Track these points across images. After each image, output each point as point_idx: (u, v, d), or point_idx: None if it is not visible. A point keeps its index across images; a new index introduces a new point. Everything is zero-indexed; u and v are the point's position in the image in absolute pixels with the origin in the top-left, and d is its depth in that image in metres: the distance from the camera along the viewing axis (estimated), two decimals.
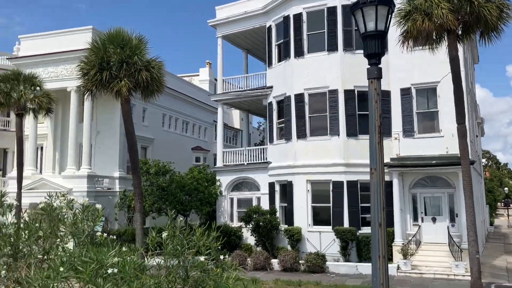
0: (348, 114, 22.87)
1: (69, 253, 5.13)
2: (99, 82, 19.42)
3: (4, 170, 34.70)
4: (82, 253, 4.88)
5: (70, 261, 4.81)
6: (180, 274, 5.67)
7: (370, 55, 4.94)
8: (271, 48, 26.26)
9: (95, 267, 4.61)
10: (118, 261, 4.91)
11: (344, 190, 22.47)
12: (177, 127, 41.89)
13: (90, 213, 5.97)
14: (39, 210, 6.38)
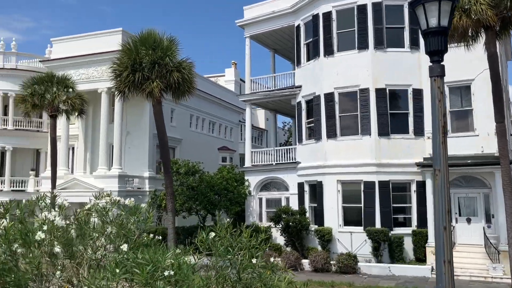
0: (380, 113, 22.56)
1: (123, 254, 5.16)
2: (132, 84, 19.67)
3: (37, 170, 35.52)
4: (137, 255, 4.89)
5: (125, 262, 4.84)
6: (231, 275, 5.65)
7: (432, 52, 4.83)
8: (300, 47, 26.13)
9: (151, 269, 4.62)
10: (173, 263, 4.92)
11: (375, 191, 22.18)
12: (204, 128, 42.15)
13: (140, 213, 6.00)
14: (88, 211, 6.41)
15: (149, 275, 4.65)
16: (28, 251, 5.11)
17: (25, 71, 34.27)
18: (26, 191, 33.98)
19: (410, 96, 22.90)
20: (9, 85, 34.18)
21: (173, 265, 4.90)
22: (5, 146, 34.00)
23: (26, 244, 5.08)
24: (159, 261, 4.81)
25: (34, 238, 4.99)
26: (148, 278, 4.64)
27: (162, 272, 4.70)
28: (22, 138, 34.68)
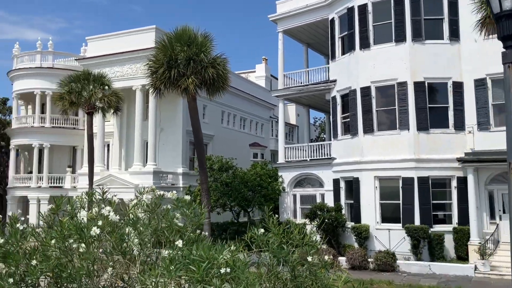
0: (418, 107, 21.93)
1: (178, 250, 5.03)
2: (167, 80, 19.72)
3: (73, 167, 36.27)
4: (192, 251, 4.76)
5: (180, 259, 4.71)
6: (285, 273, 5.46)
7: (505, 37, 4.50)
8: (334, 40, 25.67)
9: (206, 266, 4.46)
10: (228, 260, 4.76)
11: (414, 187, 21.59)
12: (235, 124, 42.17)
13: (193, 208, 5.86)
14: (136, 206, 6.30)
15: (205, 273, 4.50)
16: (83, 246, 5.05)
17: (62, 69, 34.98)
18: (64, 188, 34.75)
19: (450, 89, 22.17)
20: (46, 83, 34.97)
21: (227, 263, 4.74)
22: (43, 144, 34.84)
23: (81, 240, 5.02)
24: (214, 258, 4.66)
25: (89, 234, 4.92)
26: (203, 275, 4.49)
27: (218, 270, 4.55)
28: (59, 135, 35.45)
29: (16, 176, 35.86)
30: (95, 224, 4.98)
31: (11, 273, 5.22)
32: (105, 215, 5.08)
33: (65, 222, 5.14)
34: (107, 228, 5.03)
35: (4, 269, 5.62)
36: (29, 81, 35.38)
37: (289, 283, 5.48)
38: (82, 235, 5.02)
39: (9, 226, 5.54)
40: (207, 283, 4.49)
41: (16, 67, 36.24)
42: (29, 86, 35.40)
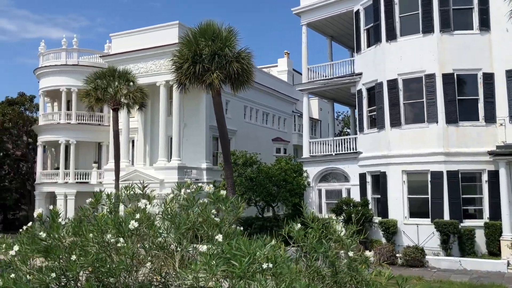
0: (447, 99, 21.41)
1: (218, 245, 4.94)
2: (193, 75, 19.70)
3: (99, 163, 36.76)
4: (232, 246, 4.66)
5: (220, 254, 4.62)
6: (323, 269, 5.34)
7: None
8: (359, 33, 25.26)
9: (248, 262, 4.35)
10: (269, 255, 4.66)
11: (443, 181, 21.12)
12: (258, 119, 42.07)
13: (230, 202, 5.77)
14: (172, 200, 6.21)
15: (246, 268, 4.40)
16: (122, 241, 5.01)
17: (86, 66, 35.44)
18: (90, 183, 35.27)
19: (480, 81, 21.58)
20: (71, 80, 35.48)
21: (269, 258, 4.64)
22: (69, 140, 35.39)
23: (120, 234, 4.98)
24: (255, 253, 4.56)
25: (128, 228, 4.87)
26: (245, 270, 4.39)
27: (260, 265, 4.43)
28: (85, 131, 35.97)
29: (43, 172, 36.55)
30: (133, 218, 4.93)
31: (53, 267, 5.22)
32: (142, 208, 5.02)
33: (102, 217, 5.11)
34: (145, 221, 4.98)
35: (44, 263, 5.64)
36: (55, 79, 35.96)
37: (329, 279, 5.35)
38: (120, 229, 4.98)
39: (50, 220, 5.54)
40: (248, 279, 4.39)
41: (42, 64, 36.86)
42: (55, 83, 35.97)
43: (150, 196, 5.91)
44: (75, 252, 4.88)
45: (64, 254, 5.23)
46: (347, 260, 5.61)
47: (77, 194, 34.87)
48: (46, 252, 5.27)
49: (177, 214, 5.35)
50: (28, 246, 5.34)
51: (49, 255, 5.26)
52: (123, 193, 5.78)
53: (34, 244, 5.35)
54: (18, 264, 5.34)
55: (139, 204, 5.08)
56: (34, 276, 5.14)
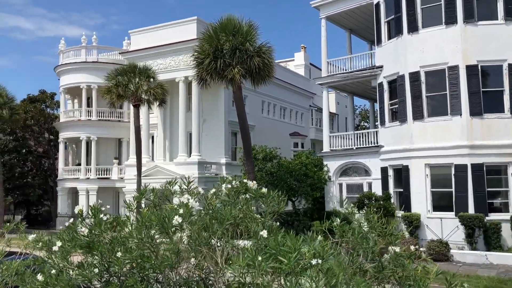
0: (471, 91, 21.07)
1: (262, 241, 4.94)
2: (214, 71, 19.72)
3: (120, 158, 37.14)
4: (278, 241, 4.65)
5: (265, 250, 4.61)
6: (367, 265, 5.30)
7: None
8: (380, 25, 24.96)
9: (295, 257, 4.34)
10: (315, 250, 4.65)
11: (468, 174, 20.83)
12: (275, 113, 42.00)
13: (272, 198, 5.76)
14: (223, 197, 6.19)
15: (295, 264, 4.38)
16: (166, 236, 5.05)
17: (106, 63, 35.76)
18: (111, 179, 35.69)
19: (505, 72, 21.17)
20: (91, 77, 35.85)
21: (317, 253, 4.62)
22: (90, 136, 35.81)
23: (164, 230, 5.01)
24: (302, 248, 4.55)
25: (171, 223, 4.90)
26: (294, 267, 4.38)
27: (309, 261, 4.42)
28: (105, 128, 36.34)
29: (65, 168, 37.08)
30: (177, 213, 4.95)
31: (96, 263, 5.28)
32: (184, 203, 5.04)
33: (146, 212, 5.15)
34: (188, 217, 5.00)
35: (85, 258, 5.71)
36: (75, 76, 36.37)
37: (374, 274, 5.32)
38: (164, 225, 5.02)
39: (92, 216, 5.60)
40: (296, 275, 4.38)
41: (62, 62, 37.30)
42: (75, 80, 36.39)
43: (193, 192, 5.94)
44: (120, 248, 4.92)
45: (107, 250, 5.28)
46: (390, 255, 5.57)
47: (98, 190, 35.32)
48: (88, 248, 5.34)
49: (219, 210, 5.36)
50: (69, 243, 5.41)
51: (91, 251, 5.33)
52: (166, 188, 5.80)
53: (74, 241, 5.42)
54: (55, 260, 5.40)
55: (181, 199, 5.09)
56: (76, 272, 5.21)
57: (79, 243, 5.38)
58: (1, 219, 32.94)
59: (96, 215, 5.53)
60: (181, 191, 5.82)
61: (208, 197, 5.75)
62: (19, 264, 6.36)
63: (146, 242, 5.01)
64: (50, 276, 5.21)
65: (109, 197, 36.82)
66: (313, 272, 4.43)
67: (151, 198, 5.65)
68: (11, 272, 6.07)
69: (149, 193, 5.70)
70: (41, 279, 5.11)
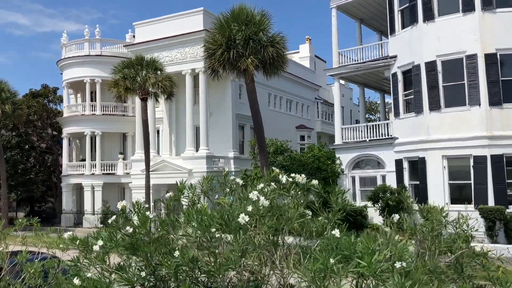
0: (490, 81, 20.51)
1: (334, 241, 4.42)
2: (227, 61, 19.12)
3: (125, 153, 36.55)
4: (351, 241, 4.13)
5: (338, 251, 4.10)
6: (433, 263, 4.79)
7: None
8: (393, 14, 24.35)
9: (376, 260, 3.82)
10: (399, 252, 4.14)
11: (487, 165, 20.32)
12: (281, 106, 41.44)
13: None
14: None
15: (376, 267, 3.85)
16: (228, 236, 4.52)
17: (109, 56, 35.12)
18: (116, 174, 35.14)
19: None
20: (95, 71, 35.20)
21: (400, 255, 4.12)
22: (95, 131, 35.21)
23: (227, 229, 4.48)
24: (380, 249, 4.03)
25: (237, 222, 4.35)
26: (375, 270, 3.84)
27: (393, 263, 3.89)
28: (109, 122, 35.73)
29: (69, 164, 36.51)
30: (243, 210, 4.42)
31: (141, 265, 4.78)
32: (253, 201, 4.49)
33: (205, 209, 4.61)
34: (257, 215, 4.47)
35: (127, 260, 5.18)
36: (79, 70, 35.71)
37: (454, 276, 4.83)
38: (227, 223, 4.48)
39: (136, 213, 5.06)
40: (379, 278, 3.85)
41: (65, 56, 36.62)
42: (78, 74, 35.73)
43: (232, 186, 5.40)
44: (178, 248, 4.40)
45: (155, 250, 4.76)
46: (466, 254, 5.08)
47: (104, 186, 34.79)
48: (132, 248, 4.81)
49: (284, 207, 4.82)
50: (110, 242, 4.88)
51: (136, 252, 4.81)
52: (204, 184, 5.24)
53: (113, 241, 4.90)
54: (94, 261, 4.88)
55: (250, 195, 4.52)
56: (117, 276, 4.70)
57: (123, 243, 4.85)
58: (5, 216, 32.39)
59: (140, 212, 4.99)
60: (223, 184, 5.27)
61: (264, 192, 5.20)
62: (45, 265, 5.84)
63: (204, 242, 4.49)
64: (87, 280, 4.70)
65: (115, 192, 36.30)
66: (397, 276, 3.91)
67: (190, 194, 5.08)
68: (38, 274, 5.56)
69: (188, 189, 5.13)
70: (78, 283, 4.59)
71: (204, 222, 4.56)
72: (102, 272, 4.99)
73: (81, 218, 35.05)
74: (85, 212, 34.59)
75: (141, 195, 31.21)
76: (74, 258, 4.90)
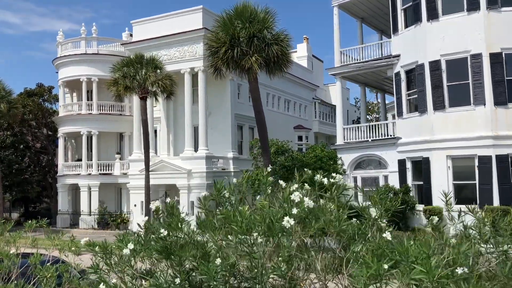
0: (495, 80, 20.38)
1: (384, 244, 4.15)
2: (231, 60, 18.79)
3: (121, 153, 36.07)
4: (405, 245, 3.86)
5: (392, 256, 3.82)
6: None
7: None
8: (396, 13, 24.16)
9: (435, 265, 3.54)
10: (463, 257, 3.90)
11: (492, 166, 20.17)
12: (279, 106, 41.18)
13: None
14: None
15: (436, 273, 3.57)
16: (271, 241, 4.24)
17: (107, 55, 34.67)
18: (113, 174, 34.65)
19: None
20: (92, 70, 34.72)
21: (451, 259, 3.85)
22: (91, 131, 34.70)
23: (269, 233, 4.18)
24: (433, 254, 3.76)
25: (281, 225, 4.05)
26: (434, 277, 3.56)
27: (454, 269, 3.61)
28: (106, 122, 35.24)
29: (65, 164, 35.96)
30: (287, 213, 4.12)
31: (175, 272, 4.48)
32: (297, 202, 4.18)
33: (245, 211, 4.31)
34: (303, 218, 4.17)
35: (157, 266, 4.88)
36: (75, 68, 35.20)
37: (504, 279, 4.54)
38: (270, 226, 4.18)
39: (168, 215, 4.75)
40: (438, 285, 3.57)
41: (61, 54, 36.07)
42: (75, 73, 35.23)
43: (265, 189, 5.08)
44: (218, 254, 4.09)
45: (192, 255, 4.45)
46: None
47: (100, 186, 34.30)
48: (166, 252, 4.49)
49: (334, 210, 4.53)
50: (140, 245, 4.57)
51: (170, 256, 4.49)
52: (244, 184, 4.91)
53: (145, 243, 4.59)
54: (109, 267, 4.57)
55: (292, 196, 4.22)
56: (148, 283, 4.40)
57: (155, 246, 4.53)
58: (0, 216, 31.81)
59: (174, 213, 4.68)
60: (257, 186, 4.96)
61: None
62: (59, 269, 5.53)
63: (245, 246, 4.18)
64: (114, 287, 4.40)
65: (111, 193, 35.83)
66: (459, 283, 3.66)
67: (226, 194, 4.75)
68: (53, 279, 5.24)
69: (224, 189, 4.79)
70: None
71: (245, 225, 4.26)
72: (126, 278, 4.69)
73: (77, 219, 34.53)
74: (81, 213, 34.06)
75: (139, 196, 30.84)
76: (94, 264, 4.57)
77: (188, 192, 29.07)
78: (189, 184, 29.02)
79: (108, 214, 33.52)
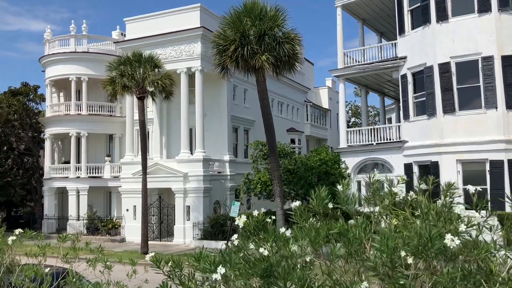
0: (507, 83, 20.03)
1: None
2: (240, 58, 17.95)
3: (112, 155, 34.76)
4: None
5: None
6: None
7: None
8: (402, 14, 23.70)
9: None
10: None
11: (504, 170, 19.79)
12: (273, 108, 40.34)
13: None
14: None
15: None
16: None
17: (97, 54, 33.43)
18: (103, 178, 33.35)
19: None
20: (81, 69, 33.41)
21: None
22: (81, 132, 33.35)
23: (424, 253, 3.37)
24: None
25: (442, 243, 3.24)
26: None
27: None
28: (96, 123, 33.96)
29: (52, 167, 34.46)
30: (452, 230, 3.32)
31: None
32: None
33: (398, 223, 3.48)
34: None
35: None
36: (64, 67, 33.81)
37: None
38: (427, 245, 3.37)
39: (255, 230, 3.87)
40: None
41: (49, 52, 34.62)
42: (63, 72, 33.85)
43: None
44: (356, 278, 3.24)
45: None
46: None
47: (89, 190, 32.94)
48: (270, 276, 3.63)
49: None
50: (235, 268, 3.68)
51: (276, 281, 3.63)
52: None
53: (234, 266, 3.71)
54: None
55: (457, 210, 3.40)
56: None
57: (255, 269, 3.64)
58: None
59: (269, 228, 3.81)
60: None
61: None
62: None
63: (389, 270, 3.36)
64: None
65: (100, 197, 34.51)
66: None
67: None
68: None
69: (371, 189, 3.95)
70: None
71: (390, 242, 3.42)
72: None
73: (64, 223, 33.02)
74: (69, 218, 32.59)
75: (132, 200, 29.63)
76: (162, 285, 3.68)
77: (184, 196, 28.04)
78: (185, 187, 27.99)
79: (98, 219, 32.17)
